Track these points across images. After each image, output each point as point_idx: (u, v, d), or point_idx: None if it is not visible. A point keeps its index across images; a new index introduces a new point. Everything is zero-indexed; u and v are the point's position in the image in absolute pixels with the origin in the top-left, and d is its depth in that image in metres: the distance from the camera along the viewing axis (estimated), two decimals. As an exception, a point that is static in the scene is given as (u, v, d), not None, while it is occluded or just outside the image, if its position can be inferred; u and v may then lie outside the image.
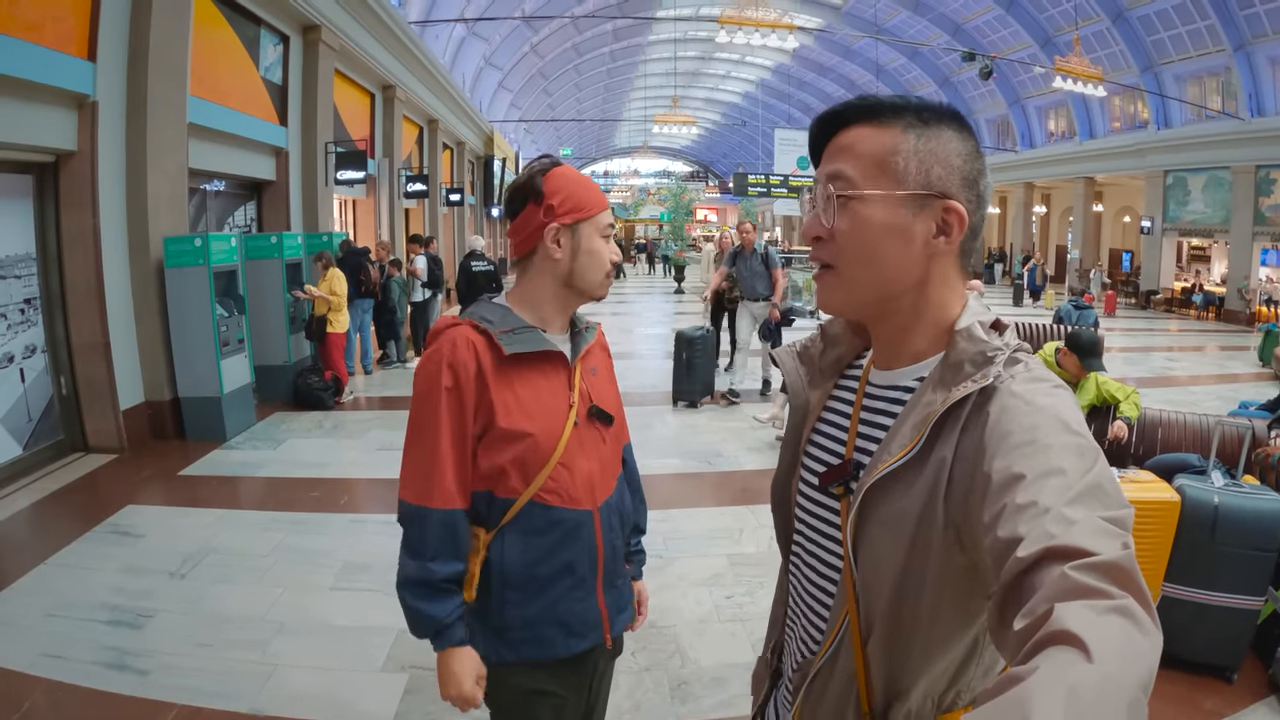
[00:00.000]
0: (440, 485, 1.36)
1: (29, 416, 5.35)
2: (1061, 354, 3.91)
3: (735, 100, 40.31)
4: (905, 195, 0.85)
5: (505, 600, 1.43)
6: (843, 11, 25.72)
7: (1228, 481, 3.03)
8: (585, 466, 1.46)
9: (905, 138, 0.85)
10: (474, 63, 21.44)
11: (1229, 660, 2.96)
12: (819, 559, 0.98)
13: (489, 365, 1.39)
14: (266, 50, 8.53)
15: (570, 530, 1.44)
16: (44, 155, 5.29)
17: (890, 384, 0.94)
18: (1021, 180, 25.87)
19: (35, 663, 2.95)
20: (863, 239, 0.85)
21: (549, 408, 1.43)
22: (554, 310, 1.50)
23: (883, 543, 0.84)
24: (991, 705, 0.50)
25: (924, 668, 0.85)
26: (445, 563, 1.37)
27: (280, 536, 4.19)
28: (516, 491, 1.40)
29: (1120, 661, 0.51)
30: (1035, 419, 0.75)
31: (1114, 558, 0.60)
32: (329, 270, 7.41)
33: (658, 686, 2.87)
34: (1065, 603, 0.56)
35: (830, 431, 1.01)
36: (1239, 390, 8.77)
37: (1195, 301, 19.13)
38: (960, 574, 0.79)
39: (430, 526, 1.36)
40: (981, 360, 0.82)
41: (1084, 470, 0.69)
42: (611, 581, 1.53)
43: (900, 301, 0.88)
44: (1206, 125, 18.20)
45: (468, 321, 1.44)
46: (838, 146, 0.89)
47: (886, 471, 0.83)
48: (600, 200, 1.48)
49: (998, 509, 0.69)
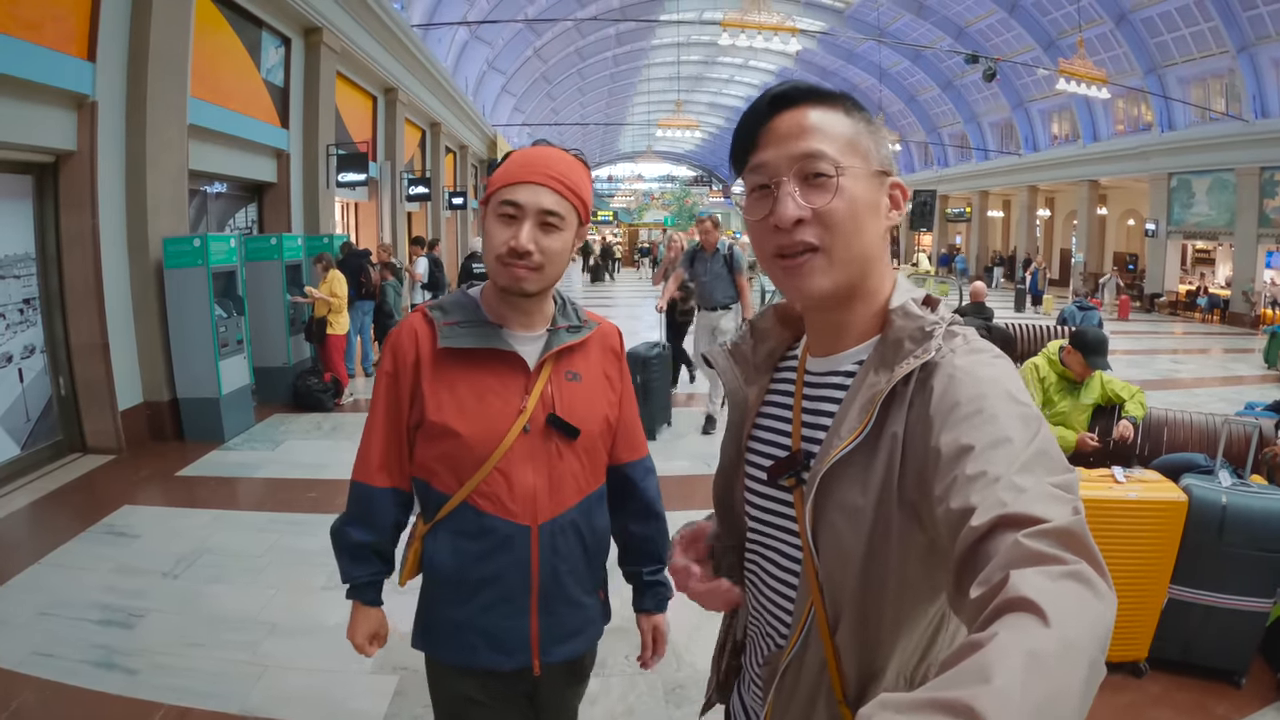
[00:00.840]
0: (363, 461, 1.42)
1: (27, 416, 5.33)
2: (1066, 352, 3.86)
3: (739, 104, 40.27)
4: (873, 171, 0.87)
5: (434, 597, 1.41)
6: (846, 15, 25.74)
7: (1235, 481, 2.97)
8: (528, 479, 1.35)
9: (854, 120, 0.88)
10: (477, 66, 21.48)
11: (1237, 664, 2.90)
12: (778, 552, 0.96)
13: (427, 355, 1.35)
14: (268, 52, 8.54)
15: (501, 542, 1.35)
16: (43, 155, 5.28)
17: (829, 370, 0.94)
18: (1025, 183, 25.82)
19: (26, 661, 2.94)
20: (854, 215, 0.84)
21: (491, 409, 1.34)
22: (504, 306, 1.38)
23: (843, 529, 0.83)
24: (953, 673, 0.50)
25: (895, 647, 0.84)
26: (359, 529, 1.43)
27: (275, 537, 4.16)
28: (450, 489, 1.35)
29: (1077, 625, 0.52)
30: (979, 389, 0.75)
31: (1065, 523, 0.61)
32: (329, 272, 7.40)
33: (651, 690, 2.82)
34: (1020, 569, 0.57)
35: (773, 425, 1.00)
36: (1244, 392, 8.70)
37: (1200, 304, 19.05)
38: (922, 550, 0.79)
39: (353, 497, 1.44)
40: (920, 336, 0.83)
41: (1029, 438, 0.70)
42: (550, 607, 1.40)
43: (867, 280, 0.89)
44: (1210, 127, 18.15)
45: (422, 308, 1.41)
46: (799, 126, 0.86)
47: (839, 456, 0.82)
48: (511, 173, 1.30)
49: (949, 480, 0.70)
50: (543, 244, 1.29)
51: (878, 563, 0.81)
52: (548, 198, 1.28)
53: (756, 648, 1.03)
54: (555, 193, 1.29)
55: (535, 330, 1.40)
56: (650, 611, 1.60)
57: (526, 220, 1.28)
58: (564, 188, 1.30)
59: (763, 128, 0.88)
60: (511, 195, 1.28)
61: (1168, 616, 2.89)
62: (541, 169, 1.29)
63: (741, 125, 0.90)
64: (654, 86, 35.55)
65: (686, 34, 27.88)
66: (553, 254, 1.30)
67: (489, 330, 1.35)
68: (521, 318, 1.39)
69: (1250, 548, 2.78)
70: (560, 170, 1.31)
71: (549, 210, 1.28)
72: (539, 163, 1.30)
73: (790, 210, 0.84)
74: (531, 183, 1.28)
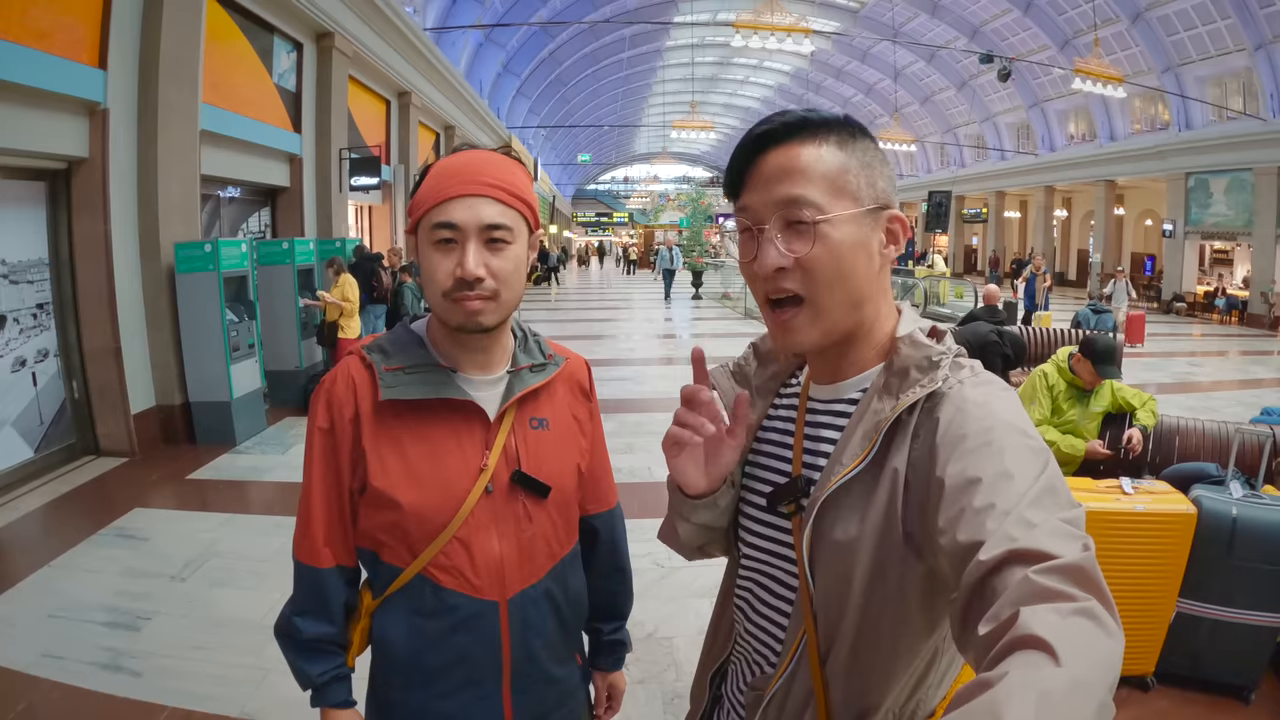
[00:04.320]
0: (306, 539, 1.18)
1: (41, 420, 5.40)
2: (1075, 360, 3.81)
3: (754, 105, 40.24)
4: (862, 212, 0.83)
5: (388, 681, 1.20)
6: (860, 15, 25.64)
7: (1247, 492, 2.90)
8: (492, 548, 1.15)
9: (847, 153, 0.84)
10: (491, 69, 21.57)
11: (1246, 679, 2.85)
12: (771, 578, 0.95)
13: (367, 410, 1.13)
14: (280, 57, 8.61)
15: (464, 621, 1.14)
16: (56, 162, 5.35)
17: (833, 398, 0.92)
18: (1042, 184, 25.58)
19: (34, 663, 2.97)
20: (836, 262, 0.82)
21: (447, 470, 1.13)
22: (455, 346, 1.17)
23: (841, 558, 0.81)
24: (963, 711, 0.50)
25: (886, 682, 0.83)
26: (311, 622, 1.18)
27: (283, 541, 4.14)
28: (403, 561, 1.14)
29: (1088, 664, 0.51)
30: (988, 421, 0.74)
31: (1076, 560, 0.60)
32: (340, 276, 7.45)
33: (650, 700, 2.81)
34: (1030, 606, 0.56)
35: (772, 450, 0.98)
36: (1262, 396, 8.57)
37: (1218, 305, 18.78)
38: (920, 581, 0.78)
39: (299, 581, 1.20)
40: (928, 365, 0.82)
41: (1038, 472, 0.70)
42: (526, 685, 1.21)
43: (861, 318, 0.86)
44: (1228, 126, 17.91)
45: (358, 349, 1.18)
46: (782, 169, 0.82)
47: (840, 484, 0.81)
48: (439, 188, 1.07)
49: (955, 512, 0.69)
50: (494, 266, 1.08)
51: (875, 593, 0.80)
52: (489, 209, 1.07)
53: (739, 673, 1.01)
54: (497, 202, 1.07)
55: (493, 372, 1.19)
56: (606, 670, 1.44)
57: (469, 242, 1.06)
58: (505, 194, 1.08)
59: (750, 167, 0.85)
60: (445, 215, 1.06)
61: (1176, 630, 2.85)
62: (473, 176, 1.07)
63: (730, 163, 0.88)
64: (669, 88, 35.59)
65: (700, 35, 27.89)
66: (506, 276, 1.09)
67: (439, 376, 1.14)
68: (477, 358, 1.18)
69: (1261, 561, 2.73)
70: (496, 174, 1.09)
71: (493, 224, 1.07)
72: (469, 170, 1.08)
73: (771, 259, 0.82)
74: (466, 195, 1.06)
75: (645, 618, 3.35)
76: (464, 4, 17.02)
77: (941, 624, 0.82)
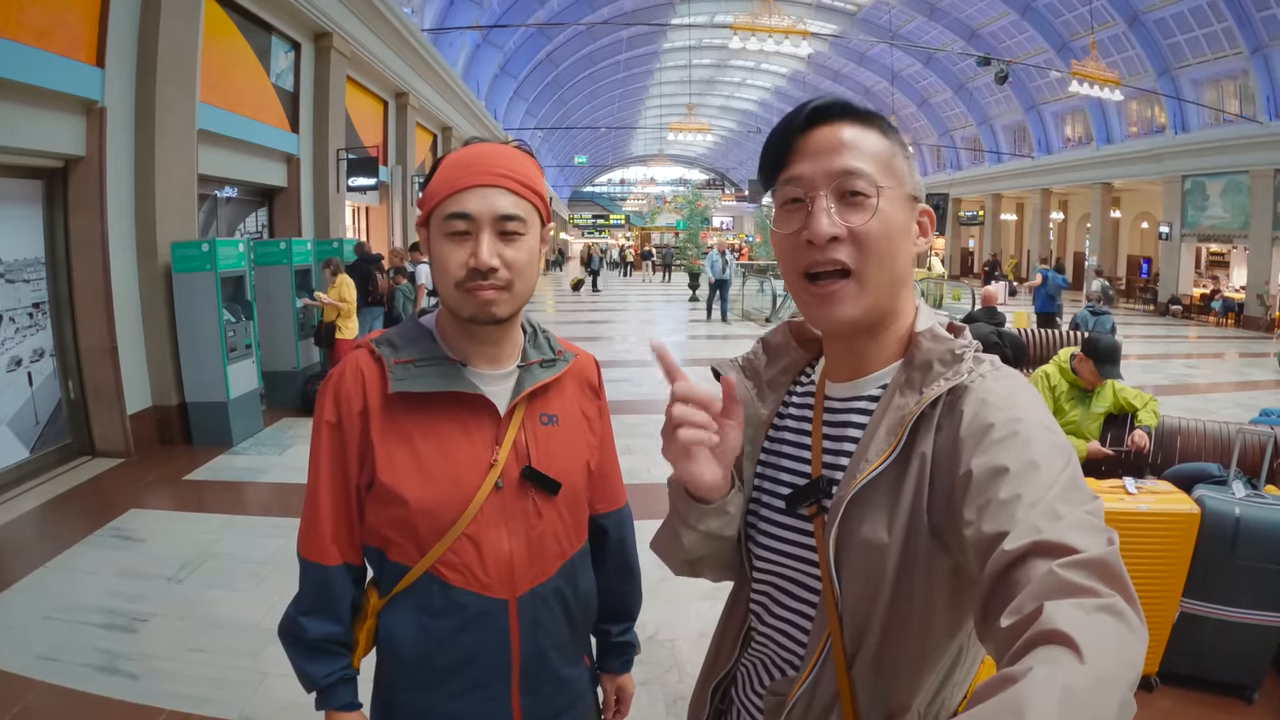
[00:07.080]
0: (313, 536, 1.17)
1: (36, 420, 5.37)
2: (1077, 360, 3.80)
3: (751, 108, 40.30)
4: (908, 195, 0.85)
5: (395, 682, 1.18)
6: (857, 18, 25.69)
7: (1249, 492, 2.90)
8: (501, 545, 1.13)
9: (893, 141, 0.86)
10: (488, 70, 21.56)
11: (1249, 679, 2.84)
12: (790, 580, 0.92)
13: (376, 404, 1.12)
14: (278, 57, 8.59)
15: (473, 619, 1.13)
16: (53, 160, 5.32)
17: (852, 395, 0.90)
18: (1038, 186, 25.64)
19: (30, 665, 2.94)
20: (889, 237, 0.82)
21: (457, 465, 1.12)
22: (465, 339, 1.15)
23: (869, 556, 0.80)
24: (986, 706, 0.50)
25: (917, 682, 0.82)
26: (317, 621, 1.17)
27: (280, 542, 4.16)
28: (411, 559, 1.13)
29: (1112, 661, 0.51)
30: (1014, 413, 0.74)
31: (1100, 554, 0.60)
32: (338, 277, 7.42)
33: (653, 702, 2.80)
34: (1054, 601, 0.56)
35: (788, 450, 0.95)
36: (1259, 397, 8.58)
37: (1214, 307, 18.82)
38: (947, 577, 0.78)
39: (304, 578, 1.19)
40: (951, 359, 0.82)
41: (1062, 465, 0.70)
42: (535, 686, 1.19)
43: (896, 304, 0.86)
44: (1224, 129, 17.95)
45: (367, 343, 1.17)
46: (840, 141, 0.82)
47: (865, 481, 0.80)
48: (453, 179, 1.07)
49: (981, 502, 0.69)
50: (507, 256, 1.08)
51: (903, 592, 0.79)
52: (503, 200, 1.07)
53: (753, 677, 0.98)
54: (510, 193, 1.08)
55: (503, 366, 1.18)
56: (615, 672, 1.44)
57: (483, 232, 1.06)
58: (519, 185, 1.09)
59: (798, 140, 0.85)
60: (459, 205, 1.06)
61: (1179, 630, 2.84)
62: (487, 167, 1.07)
63: (775, 136, 0.87)
64: (665, 90, 35.64)
65: (698, 37, 27.92)
66: (520, 267, 1.09)
67: (450, 369, 1.13)
68: (488, 351, 1.17)
69: (1264, 561, 2.72)
70: (509, 165, 1.09)
71: (507, 215, 1.07)
72: (483, 161, 1.08)
73: (825, 226, 0.81)
74: (480, 186, 1.06)
75: (647, 619, 3.31)
76: (461, 5, 17.01)
77: (966, 621, 0.81)
